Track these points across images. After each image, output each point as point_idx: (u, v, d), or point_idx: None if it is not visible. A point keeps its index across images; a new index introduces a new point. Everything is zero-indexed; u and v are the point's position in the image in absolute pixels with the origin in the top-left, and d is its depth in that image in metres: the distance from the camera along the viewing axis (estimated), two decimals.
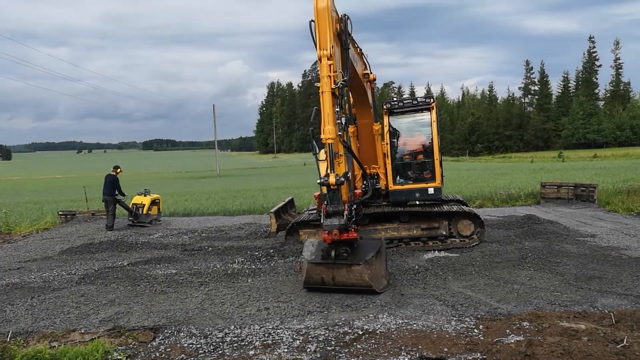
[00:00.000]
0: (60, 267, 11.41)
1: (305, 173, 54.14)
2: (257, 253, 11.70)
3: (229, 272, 10.14)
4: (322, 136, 8.44)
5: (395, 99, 14.10)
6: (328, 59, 8.34)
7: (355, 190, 9.71)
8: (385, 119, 12.30)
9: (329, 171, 8.28)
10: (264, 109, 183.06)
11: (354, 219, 8.73)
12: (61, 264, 11.87)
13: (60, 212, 20.01)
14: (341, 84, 8.52)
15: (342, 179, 8.28)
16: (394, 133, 12.33)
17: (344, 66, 9.09)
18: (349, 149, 9.12)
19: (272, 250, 11.76)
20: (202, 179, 58.77)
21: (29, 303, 8.53)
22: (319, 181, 8.44)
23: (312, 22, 8.56)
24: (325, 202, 8.41)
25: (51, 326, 7.33)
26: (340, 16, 9.12)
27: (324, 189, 8.52)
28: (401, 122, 12.46)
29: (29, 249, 14.11)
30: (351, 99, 11.75)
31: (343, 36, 9.04)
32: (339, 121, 8.49)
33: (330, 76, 8.34)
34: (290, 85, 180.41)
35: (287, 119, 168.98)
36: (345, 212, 8.28)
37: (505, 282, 8.76)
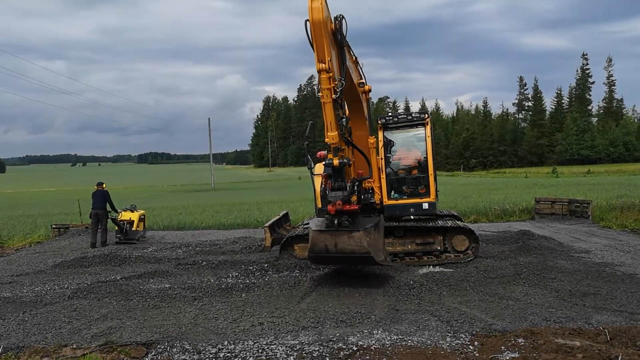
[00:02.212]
0: (52, 281, 11.32)
1: (300, 187, 54.09)
2: (251, 267, 11.65)
3: (223, 286, 10.09)
4: (326, 140, 9.00)
5: (390, 113, 14.16)
6: (327, 72, 8.57)
7: (358, 170, 10.57)
8: (380, 133, 12.32)
9: (334, 156, 9.00)
10: (260, 122, 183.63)
11: (355, 194, 9.73)
12: (54, 278, 11.78)
13: (53, 226, 19.89)
14: (340, 89, 8.83)
15: (345, 160, 9.03)
16: (388, 144, 12.32)
17: (340, 67, 9.25)
18: (350, 142, 9.81)
19: (266, 265, 11.72)
20: (196, 192, 58.63)
21: (21, 318, 8.45)
22: (324, 162, 9.28)
23: (307, 22, 8.65)
24: (331, 180, 9.22)
25: (43, 341, 7.25)
26: (334, 16, 9.27)
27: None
28: (396, 137, 12.49)
29: (22, 263, 14.00)
30: (347, 111, 11.75)
31: (338, 35, 9.19)
32: (340, 122, 9.01)
33: (330, 88, 8.71)
34: (285, 99, 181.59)
35: (282, 133, 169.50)
36: (348, 186, 9.14)
37: (500, 298, 8.75)
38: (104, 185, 17.19)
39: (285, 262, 11.77)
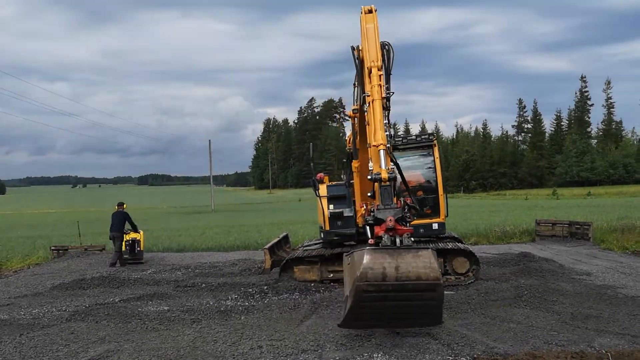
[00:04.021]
0: (50, 304, 11.24)
1: (300, 209, 54.06)
2: (250, 289, 11.57)
3: (222, 309, 10.02)
4: (373, 143, 8.33)
5: (398, 136, 14.23)
6: (378, 70, 8.85)
7: (406, 198, 9.07)
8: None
9: (381, 167, 7.92)
10: (260, 144, 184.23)
11: (407, 218, 7.83)
12: (51, 300, 11.69)
13: (52, 247, 19.80)
14: (388, 94, 9.12)
15: (394, 174, 7.85)
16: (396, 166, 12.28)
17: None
18: (395, 162, 8.62)
19: (265, 287, 11.64)
20: (196, 214, 58.52)
21: (17, 340, 8.37)
22: (369, 177, 7.97)
23: (354, 49, 9.49)
24: (376, 199, 7.88)
25: None
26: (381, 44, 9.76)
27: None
28: (405, 159, 12.50)
29: (20, 285, 13.92)
30: (358, 132, 11.64)
31: (385, 62, 9.55)
32: (387, 133, 8.52)
33: (380, 85, 8.89)
34: (286, 121, 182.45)
35: (282, 155, 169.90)
36: (399, 208, 7.61)
37: (501, 320, 8.68)
38: (125, 206, 17.24)
39: (285, 285, 11.70)
